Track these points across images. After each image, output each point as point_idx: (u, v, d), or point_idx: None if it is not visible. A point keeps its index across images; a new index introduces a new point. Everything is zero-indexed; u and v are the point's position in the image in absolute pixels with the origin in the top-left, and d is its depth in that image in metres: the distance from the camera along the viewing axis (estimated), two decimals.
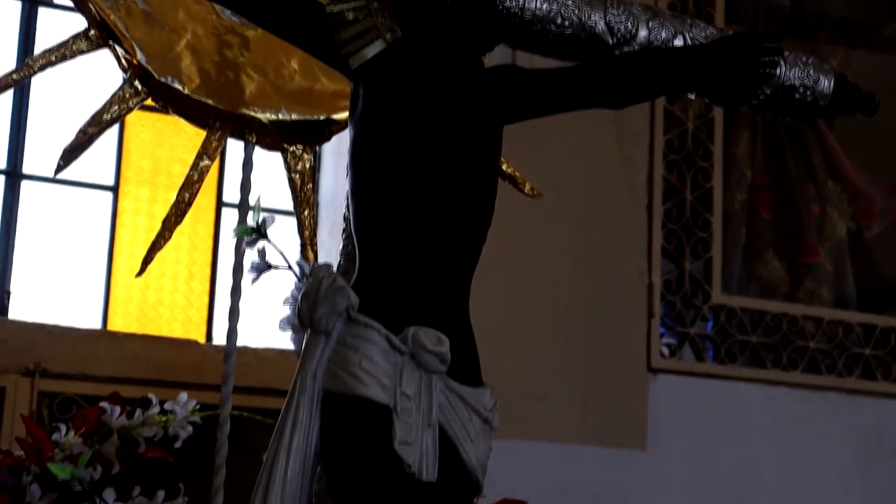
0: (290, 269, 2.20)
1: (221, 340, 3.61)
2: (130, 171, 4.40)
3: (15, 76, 2.83)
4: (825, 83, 2.65)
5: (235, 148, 3.58)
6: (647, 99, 2.73)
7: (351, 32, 2.17)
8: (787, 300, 4.77)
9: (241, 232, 2.30)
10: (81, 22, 2.98)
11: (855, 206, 4.95)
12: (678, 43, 2.56)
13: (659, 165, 4.60)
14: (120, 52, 2.86)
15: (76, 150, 2.82)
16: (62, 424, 3.05)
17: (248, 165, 2.96)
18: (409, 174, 2.09)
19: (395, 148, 2.11)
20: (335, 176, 4.44)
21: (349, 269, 2.28)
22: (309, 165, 3.03)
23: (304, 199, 3.01)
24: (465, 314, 2.14)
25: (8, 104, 4.31)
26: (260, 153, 3.12)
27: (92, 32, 2.89)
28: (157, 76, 2.85)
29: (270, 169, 3.41)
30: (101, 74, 3.90)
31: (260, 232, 2.24)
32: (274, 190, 3.91)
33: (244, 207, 2.93)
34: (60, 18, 4.26)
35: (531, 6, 2.49)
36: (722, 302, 4.63)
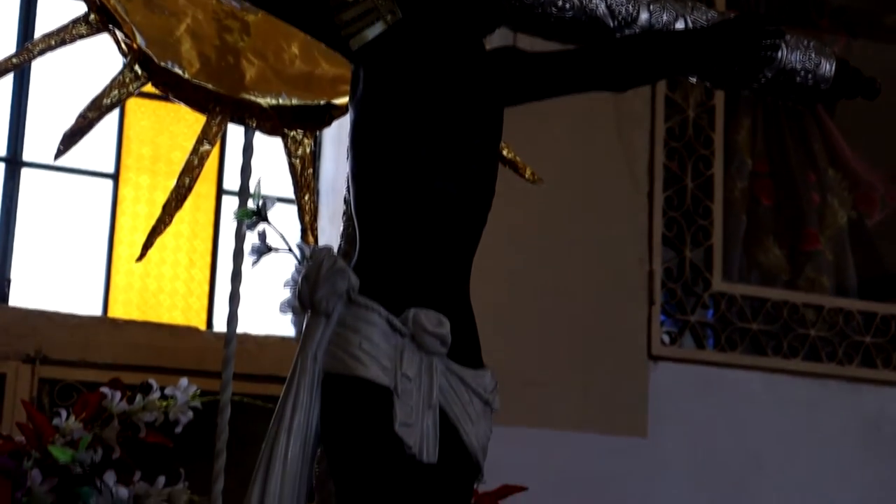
0: (290, 251, 2.19)
1: (222, 328, 3.61)
2: (131, 158, 4.39)
3: (14, 60, 2.83)
4: (826, 67, 2.64)
5: (236, 136, 3.58)
6: (648, 82, 2.72)
7: (351, 14, 2.16)
8: (787, 288, 4.76)
9: (241, 214, 2.30)
10: (81, 6, 2.98)
11: (855, 193, 4.94)
12: (679, 26, 2.55)
13: (660, 153, 4.59)
14: (120, 36, 2.85)
15: (76, 134, 2.81)
16: (63, 410, 3.05)
17: (248, 150, 2.96)
18: (409, 156, 2.09)
19: (395, 130, 2.10)
20: (335, 163, 4.43)
21: (350, 251, 2.28)
22: (309, 150, 3.03)
23: (304, 184, 3.00)
24: (465, 296, 2.14)
25: (8, 92, 4.31)
26: (260, 140, 3.11)
27: (92, 17, 2.89)
28: (156, 60, 2.84)
29: (271, 156, 3.40)
30: (100, 60, 3.89)
31: (260, 215, 2.23)
32: (274, 177, 3.90)
33: (244, 192, 2.92)
34: (60, 2, 4.25)
35: None
36: (722, 289, 4.62)
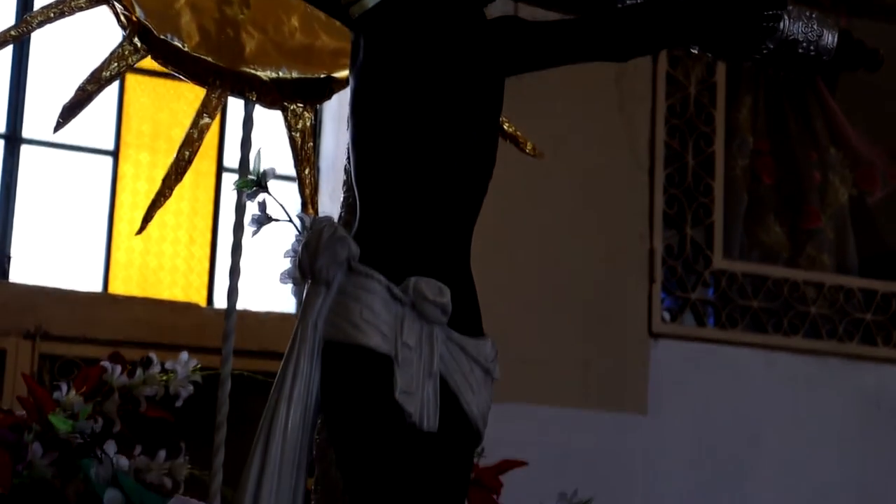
0: (290, 221, 2.18)
1: (222, 305, 3.60)
2: (130, 135, 4.39)
3: (13, 32, 2.81)
4: (829, 38, 2.63)
5: (236, 113, 3.56)
6: (650, 52, 2.71)
7: None
8: (788, 266, 4.76)
9: (241, 184, 2.29)
10: None
11: (856, 171, 4.93)
12: None
13: (661, 130, 4.58)
14: (119, 8, 2.83)
15: (75, 107, 2.80)
16: (63, 384, 3.05)
17: (248, 124, 2.94)
18: (409, 124, 2.08)
19: (395, 98, 2.09)
20: (336, 141, 4.42)
21: (350, 220, 2.27)
22: (310, 124, 3.01)
23: (304, 157, 2.99)
24: (466, 265, 2.13)
25: (7, 68, 4.29)
26: (260, 115, 3.09)
27: None
28: (156, 33, 2.82)
29: (271, 131, 3.38)
30: (99, 35, 3.88)
31: (260, 184, 2.22)
32: (275, 154, 3.89)
33: (244, 165, 2.91)
34: None
35: None
36: (723, 267, 4.62)
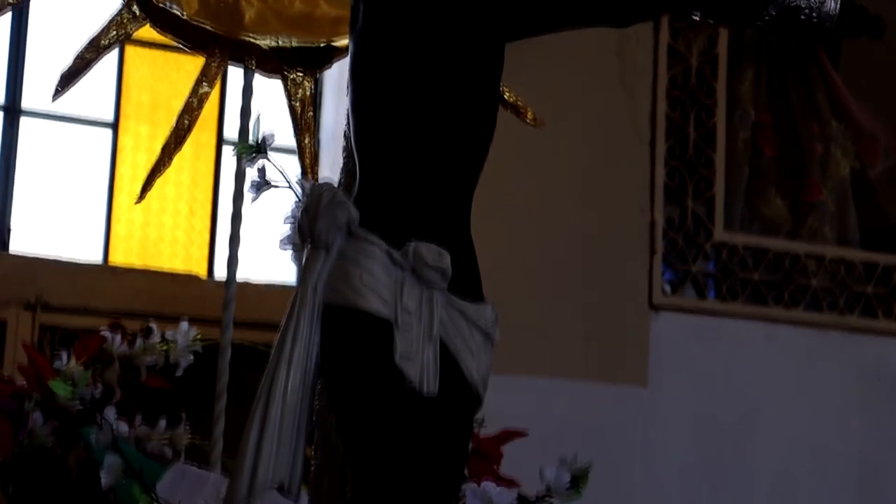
0: (290, 187, 2.17)
1: (222, 276, 3.60)
2: (130, 107, 4.38)
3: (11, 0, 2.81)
4: (831, 4, 2.61)
5: (236, 84, 3.55)
6: (651, 16, 2.69)
7: None
8: (789, 238, 4.75)
9: (241, 150, 2.29)
10: None
11: (858, 144, 4.91)
12: None
13: (662, 102, 4.57)
14: None
15: (73, 75, 2.80)
16: (63, 353, 3.05)
17: (247, 92, 2.94)
18: (408, 89, 2.07)
19: (395, 62, 2.08)
20: (336, 111, 4.41)
21: (350, 185, 2.26)
22: (309, 93, 3.01)
23: (304, 126, 2.99)
24: (466, 230, 2.12)
25: (5, 41, 4.28)
26: (260, 85, 3.09)
27: None
28: (155, 0, 2.82)
29: (271, 101, 3.37)
30: (99, 7, 3.86)
31: (260, 149, 2.22)
32: (275, 124, 3.88)
33: (244, 133, 2.91)
34: None
35: None
36: (724, 240, 4.62)
